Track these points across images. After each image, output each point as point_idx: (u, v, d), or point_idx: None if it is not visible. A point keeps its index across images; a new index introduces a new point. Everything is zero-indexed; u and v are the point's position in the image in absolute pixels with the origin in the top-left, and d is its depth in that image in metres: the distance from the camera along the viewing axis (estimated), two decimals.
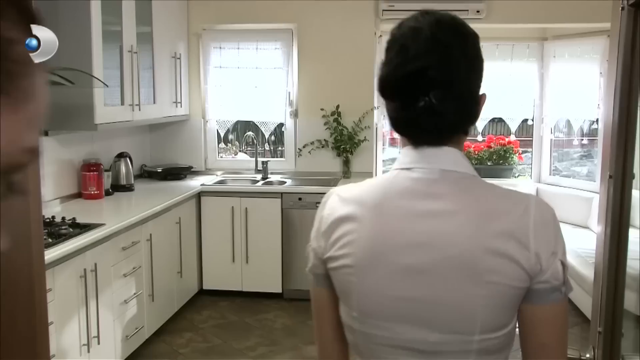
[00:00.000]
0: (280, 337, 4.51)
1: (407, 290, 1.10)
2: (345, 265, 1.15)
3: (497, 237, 1.07)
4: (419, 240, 1.09)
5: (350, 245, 1.14)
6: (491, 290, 1.06)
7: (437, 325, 1.09)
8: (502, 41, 6.48)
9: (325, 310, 1.27)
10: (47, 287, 2.90)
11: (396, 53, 1.13)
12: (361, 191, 1.19)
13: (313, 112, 5.61)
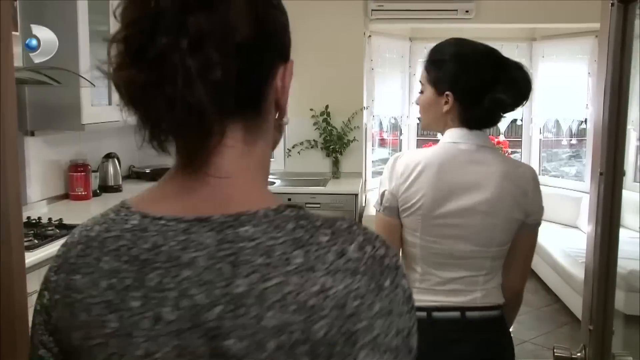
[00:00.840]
0: None
1: (457, 218, 1.72)
2: (418, 200, 1.73)
3: (514, 186, 1.74)
4: (468, 185, 1.73)
5: (422, 188, 1.72)
6: (506, 220, 1.74)
7: (471, 241, 1.73)
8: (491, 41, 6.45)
9: (394, 232, 1.79)
10: (34, 289, 2.85)
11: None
12: (425, 153, 1.80)
13: (302, 112, 5.60)
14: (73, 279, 0.78)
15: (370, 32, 5.83)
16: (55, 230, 3.26)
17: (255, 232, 0.72)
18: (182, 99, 0.69)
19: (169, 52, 0.68)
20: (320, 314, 0.68)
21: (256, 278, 0.69)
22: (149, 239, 0.74)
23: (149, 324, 0.71)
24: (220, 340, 0.69)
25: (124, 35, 0.74)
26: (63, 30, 3.74)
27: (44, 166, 4.01)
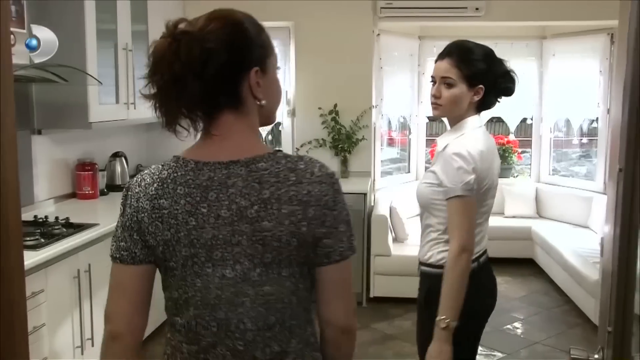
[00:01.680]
0: None
1: (497, 177, 2.24)
2: (492, 175, 2.17)
3: None
4: (496, 153, 2.27)
5: (492, 165, 2.17)
6: None
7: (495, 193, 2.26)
8: (501, 40, 6.42)
9: (474, 211, 2.13)
10: (40, 288, 2.85)
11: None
12: (477, 138, 2.16)
13: (310, 111, 5.56)
14: (158, 203, 1.31)
15: (379, 31, 5.79)
16: (62, 229, 3.24)
17: (266, 165, 1.30)
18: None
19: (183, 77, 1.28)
20: (309, 204, 1.29)
21: (274, 189, 1.27)
22: (205, 174, 1.30)
23: (213, 220, 1.28)
24: (258, 223, 1.26)
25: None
26: (70, 29, 3.73)
27: (51, 165, 4.00)
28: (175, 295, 1.34)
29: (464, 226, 2.08)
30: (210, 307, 1.30)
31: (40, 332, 2.86)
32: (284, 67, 5.57)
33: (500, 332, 4.54)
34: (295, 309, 1.33)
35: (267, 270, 1.29)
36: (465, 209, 2.09)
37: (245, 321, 1.30)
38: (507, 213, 6.45)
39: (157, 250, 1.32)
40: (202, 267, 1.30)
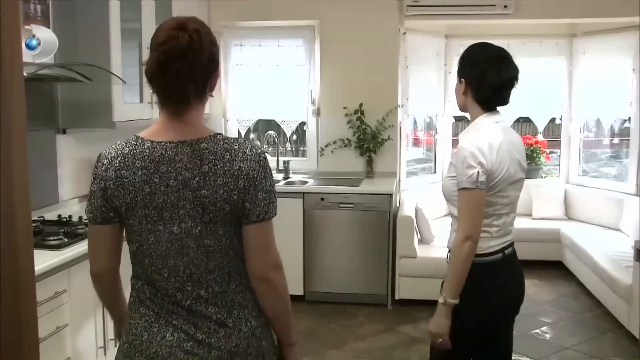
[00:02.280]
0: (302, 340, 4.39)
1: (516, 174, 2.31)
2: (503, 169, 2.24)
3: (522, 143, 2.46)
4: (515, 146, 2.34)
5: (503, 160, 2.25)
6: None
7: (519, 189, 2.37)
8: (529, 38, 6.32)
9: (484, 204, 2.24)
10: (63, 288, 2.83)
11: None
12: (490, 134, 2.27)
13: (336, 110, 5.50)
14: (121, 173, 1.61)
15: (405, 29, 5.71)
16: (85, 229, 3.22)
17: (207, 145, 1.59)
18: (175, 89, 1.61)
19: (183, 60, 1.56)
20: (240, 177, 1.58)
21: (212, 164, 1.57)
22: (158, 151, 1.61)
23: (163, 188, 1.59)
24: (198, 191, 1.57)
25: (157, 59, 1.58)
26: (95, 28, 3.72)
27: (75, 164, 3.99)
28: (134, 247, 1.68)
29: (468, 216, 2.22)
30: (162, 257, 1.64)
31: (64, 332, 2.84)
32: (308, 66, 5.52)
33: (528, 337, 4.43)
34: (233, 259, 1.66)
35: (206, 227, 1.61)
36: (470, 200, 2.22)
37: (190, 267, 1.63)
38: (535, 215, 6.32)
39: (121, 210, 1.64)
40: (154, 225, 1.63)
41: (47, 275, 2.72)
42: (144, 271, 1.67)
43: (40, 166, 3.72)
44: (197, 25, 1.60)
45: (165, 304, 1.65)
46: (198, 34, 1.58)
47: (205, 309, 1.64)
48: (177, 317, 1.64)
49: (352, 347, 4.25)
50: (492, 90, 2.31)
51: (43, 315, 2.69)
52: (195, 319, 1.64)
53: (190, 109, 1.64)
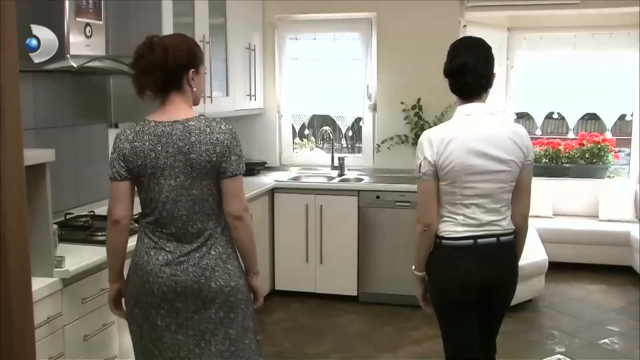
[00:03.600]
0: (354, 343, 4.26)
1: (482, 166, 2.41)
2: (452, 161, 2.39)
3: (518, 140, 2.46)
4: (485, 139, 2.41)
5: (453, 152, 2.39)
6: (515, 164, 2.46)
7: (494, 181, 2.44)
8: (598, 30, 5.99)
9: (432, 192, 2.47)
10: (103, 286, 2.77)
11: None
12: (451, 127, 2.48)
13: (393, 105, 5.33)
14: (134, 144, 2.25)
15: (466, 22, 5.49)
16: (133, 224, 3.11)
17: (194, 123, 2.26)
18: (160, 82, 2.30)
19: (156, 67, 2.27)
20: (217, 145, 2.24)
21: (197, 135, 2.24)
22: (160, 128, 2.26)
23: (164, 153, 2.23)
24: (188, 155, 2.23)
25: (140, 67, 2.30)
26: (148, 22, 3.68)
27: None
28: (144, 196, 2.33)
29: (418, 202, 2.54)
30: (162, 202, 2.28)
31: (110, 330, 2.79)
32: (364, 60, 5.37)
33: (596, 347, 4.17)
34: (212, 204, 2.31)
35: (194, 181, 2.27)
36: (418, 188, 2.53)
37: (182, 210, 2.28)
38: (602, 216, 6.00)
39: (134, 171, 2.28)
40: (158, 180, 2.27)
41: (94, 272, 2.66)
42: (150, 212, 2.32)
43: (92, 160, 3.70)
44: (167, 42, 2.30)
45: (162, 236, 2.31)
46: (165, 49, 2.26)
47: (190, 239, 2.29)
48: (168, 245, 2.30)
49: (407, 351, 4.08)
50: (449, 80, 2.55)
51: (90, 311, 2.65)
52: (181, 246, 2.29)
53: (175, 98, 2.32)
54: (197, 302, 2.28)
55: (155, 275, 2.26)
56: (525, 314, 4.76)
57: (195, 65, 2.32)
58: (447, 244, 2.48)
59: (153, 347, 2.32)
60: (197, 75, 2.34)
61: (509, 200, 2.51)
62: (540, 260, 4.97)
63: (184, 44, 2.32)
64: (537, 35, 6.11)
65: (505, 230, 2.50)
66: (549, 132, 9.80)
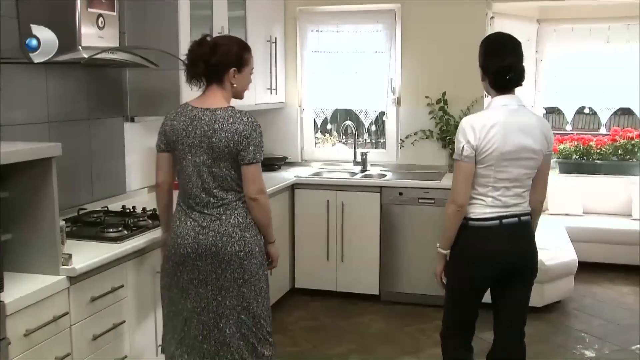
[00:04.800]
0: (374, 344, 4.14)
1: (517, 152, 2.64)
2: (492, 145, 2.60)
3: (545, 130, 2.71)
4: (520, 128, 2.65)
5: (494, 138, 2.60)
6: (541, 153, 2.70)
7: (524, 166, 2.67)
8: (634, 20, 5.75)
9: (470, 174, 2.66)
10: (120, 283, 2.69)
11: None
12: (492, 114, 2.67)
13: (417, 100, 5.19)
14: (173, 122, 2.67)
15: (494, 13, 5.31)
16: (147, 221, 3.08)
17: (221, 113, 2.62)
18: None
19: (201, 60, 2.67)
20: (236, 133, 2.58)
21: (220, 123, 2.59)
22: (193, 112, 2.65)
23: (193, 134, 2.61)
24: (211, 139, 2.59)
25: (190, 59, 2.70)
26: (164, 14, 3.60)
27: (144, 153, 3.88)
28: (177, 168, 2.69)
29: (454, 183, 2.71)
30: (189, 176, 2.63)
31: (120, 329, 2.71)
32: (388, 52, 5.23)
33: (627, 353, 3.99)
34: (231, 182, 2.63)
35: (214, 161, 2.59)
36: (456, 170, 2.71)
37: (203, 184, 2.62)
38: (635, 215, 5.80)
39: (170, 145, 2.67)
40: (185, 156, 2.63)
41: (103, 270, 2.58)
42: (181, 183, 2.70)
43: (108, 155, 3.63)
44: (217, 41, 2.70)
45: (190, 204, 2.66)
46: (213, 47, 2.65)
47: (211, 208, 2.63)
48: (194, 213, 2.65)
49: (429, 353, 3.94)
50: (493, 77, 2.70)
51: (99, 310, 2.57)
52: (204, 215, 2.63)
53: (215, 89, 2.69)
54: (214, 262, 2.61)
55: (182, 238, 2.63)
56: (553, 315, 4.59)
57: (238, 66, 2.68)
58: (475, 224, 2.69)
59: (180, 297, 2.66)
60: (240, 74, 2.70)
61: (529, 186, 2.75)
62: (569, 260, 4.79)
63: (232, 45, 2.69)
64: (568, 27, 5.90)
65: (525, 211, 2.75)
66: (580, 127, 9.54)
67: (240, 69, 2.68)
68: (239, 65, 2.68)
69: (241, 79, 2.71)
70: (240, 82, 2.71)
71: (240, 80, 2.70)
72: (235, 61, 2.67)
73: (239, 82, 2.70)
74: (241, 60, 2.69)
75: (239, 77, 2.69)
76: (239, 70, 2.68)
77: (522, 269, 2.75)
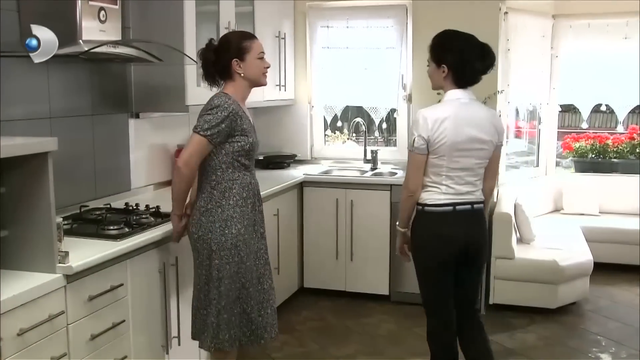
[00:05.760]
0: (383, 345, 4.05)
1: (468, 144, 2.80)
2: (444, 138, 2.76)
3: (495, 122, 2.91)
4: (471, 120, 2.81)
5: (446, 130, 2.76)
6: (491, 144, 2.88)
7: (474, 157, 2.84)
8: None
9: (421, 164, 2.83)
10: (119, 282, 2.63)
11: None
12: (444, 108, 2.84)
13: (429, 96, 5.01)
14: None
15: (507, 9, 5.20)
16: (149, 219, 3.02)
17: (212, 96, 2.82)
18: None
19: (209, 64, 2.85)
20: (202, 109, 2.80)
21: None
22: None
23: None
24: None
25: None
26: (170, 10, 3.54)
27: (149, 150, 3.83)
28: None
29: (407, 172, 2.91)
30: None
31: (120, 329, 2.64)
32: (399, 48, 5.14)
33: None
34: (204, 165, 2.77)
35: None
36: (409, 160, 2.88)
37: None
38: None
39: None
40: None
41: (102, 268, 2.52)
42: None
43: (112, 152, 3.58)
44: (218, 41, 2.85)
45: None
46: (215, 48, 2.80)
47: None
48: None
49: None
50: (455, 70, 2.84)
51: (98, 309, 2.51)
52: None
53: (226, 87, 2.82)
54: (190, 243, 2.83)
55: None
56: (567, 318, 4.48)
57: (239, 55, 2.75)
58: (430, 210, 2.86)
59: None
60: (244, 63, 2.76)
61: (482, 175, 2.92)
62: (584, 260, 4.68)
63: (229, 39, 2.81)
64: (585, 23, 5.75)
65: (478, 199, 2.91)
66: (597, 126, 9.39)
67: (242, 58, 2.75)
68: (240, 54, 2.74)
69: (247, 67, 2.76)
70: (248, 70, 2.77)
71: (246, 68, 2.76)
72: (234, 52, 2.74)
73: (245, 70, 2.76)
74: (240, 49, 2.75)
75: (244, 65, 2.75)
76: (242, 59, 2.75)
77: (474, 253, 2.92)
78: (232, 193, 2.75)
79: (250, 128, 2.81)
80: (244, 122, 2.75)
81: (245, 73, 2.76)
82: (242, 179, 2.79)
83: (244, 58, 2.75)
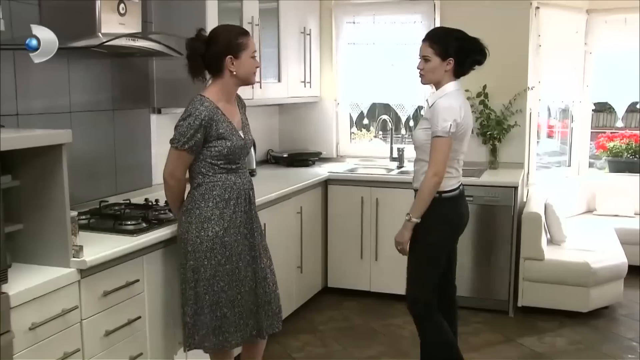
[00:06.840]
0: (407, 347, 3.96)
1: (469, 129, 3.09)
2: (466, 124, 3.01)
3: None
4: (468, 108, 3.08)
5: (466, 116, 2.99)
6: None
7: (468, 140, 3.11)
8: None
9: (450, 147, 2.94)
10: (135, 278, 2.59)
11: None
12: (458, 97, 3.03)
13: None
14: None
15: (539, 3, 5.07)
16: (168, 214, 2.98)
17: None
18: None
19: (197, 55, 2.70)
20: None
21: None
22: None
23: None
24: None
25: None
26: (192, 5, 3.51)
27: None
28: None
29: (438, 158, 2.92)
30: None
31: (135, 325, 2.61)
32: None
33: None
34: (191, 167, 2.76)
35: None
36: (440, 146, 2.91)
37: None
38: None
39: None
40: None
41: (117, 263, 2.49)
42: None
43: (134, 147, 3.56)
44: (210, 32, 2.74)
45: None
46: (207, 39, 2.69)
47: None
48: None
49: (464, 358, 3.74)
50: (462, 63, 3.01)
51: (113, 305, 2.48)
52: None
53: (213, 84, 2.74)
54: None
55: None
56: (600, 322, 4.33)
57: (234, 52, 2.66)
58: (447, 196, 3.02)
59: None
60: (238, 60, 2.66)
61: None
62: (618, 263, 4.52)
63: (224, 33, 2.69)
64: (620, 18, 5.57)
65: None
66: (633, 125, 9.13)
67: (236, 55, 2.66)
68: (234, 51, 2.65)
69: (240, 65, 2.68)
70: (241, 68, 2.68)
71: (240, 66, 2.68)
72: (229, 48, 2.65)
73: (238, 68, 2.67)
74: (235, 46, 2.65)
75: (238, 63, 2.67)
76: (236, 57, 2.66)
77: (461, 232, 3.22)
78: (212, 195, 2.68)
79: (231, 130, 2.69)
80: (220, 127, 2.64)
81: (237, 71, 2.68)
82: (225, 180, 2.70)
83: (239, 56, 2.67)
